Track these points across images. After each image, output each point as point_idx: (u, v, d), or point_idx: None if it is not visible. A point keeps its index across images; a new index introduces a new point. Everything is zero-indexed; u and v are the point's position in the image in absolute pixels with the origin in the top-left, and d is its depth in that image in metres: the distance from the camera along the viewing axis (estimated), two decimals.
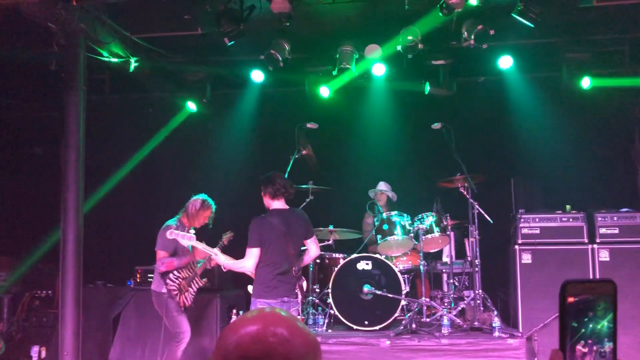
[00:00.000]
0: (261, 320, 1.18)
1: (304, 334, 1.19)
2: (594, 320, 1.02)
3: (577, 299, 1.01)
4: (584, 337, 1.02)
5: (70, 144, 6.00)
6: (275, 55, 6.87)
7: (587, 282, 1.03)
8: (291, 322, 1.19)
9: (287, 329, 1.16)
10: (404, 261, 7.02)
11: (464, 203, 6.78)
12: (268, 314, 1.21)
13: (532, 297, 6.47)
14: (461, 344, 5.90)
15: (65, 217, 5.90)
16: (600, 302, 1.01)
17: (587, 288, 1.02)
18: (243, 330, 1.16)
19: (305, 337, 1.18)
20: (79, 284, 5.88)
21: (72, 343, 5.77)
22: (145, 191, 9.01)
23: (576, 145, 8.15)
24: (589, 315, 1.02)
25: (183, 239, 5.18)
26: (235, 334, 1.16)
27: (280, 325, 1.17)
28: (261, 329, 1.15)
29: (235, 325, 1.19)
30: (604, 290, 1.02)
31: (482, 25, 6.44)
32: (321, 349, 1.25)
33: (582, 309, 1.02)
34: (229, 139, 8.72)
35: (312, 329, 6.48)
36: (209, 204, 5.79)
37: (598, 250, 6.48)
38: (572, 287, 1.02)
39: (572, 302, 1.02)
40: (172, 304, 5.55)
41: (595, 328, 1.02)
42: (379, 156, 8.48)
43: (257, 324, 1.17)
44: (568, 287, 1.02)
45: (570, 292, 1.02)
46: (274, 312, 1.22)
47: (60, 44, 5.84)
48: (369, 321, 6.41)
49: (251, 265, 4.98)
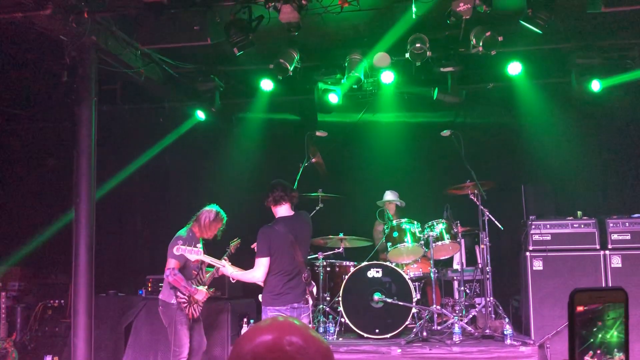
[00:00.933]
0: (276, 329, 1.19)
1: (317, 342, 1.19)
2: (604, 330, 0.99)
3: (586, 308, 0.99)
4: (593, 347, 0.99)
5: (82, 154, 6.06)
6: (284, 64, 6.91)
7: (597, 290, 1.01)
8: (305, 330, 1.20)
9: (302, 338, 1.16)
10: (415, 269, 7.01)
11: (474, 210, 6.77)
12: (282, 322, 1.22)
13: (543, 304, 6.43)
14: (473, 352, 5.87)
15: (77, 228, 5.95)
16: (609, 311, 0.99)
17: (596, 297, 1.00)
18: (258, 340, 1.16)
19: (319, 345, 1.18)
20: (91, 294, 5.92)
21: (84, 352, 5.80)
22: (156, 200, 9.07)
23: (587, 151, 8.11)
24: (597, 324, 0.99)
25: (190, 254, 5.17)
26: (250, 344, 1.16)
27: (295, 334, 1.17)
28: (277, 338, 1.15)
29: (249, 335, 1.19)
30: (614, 299, 0.99)
31: (490, 32, 6.44)
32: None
33: (591, 318, 0.99)
34: (238, 147, 8.76)
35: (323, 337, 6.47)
36: (222, 217, 5.80)
37: (610, 256, 6.43)
38: (581, 296, 1.00)
39: (581, 311, 0.99)
40: (180, 317, 5.53)
41: (604, 338, 0.99)
42: (389, 163, 8.49)
43: (272, 333, 1.17)
44: (577, 296, 1.00)
45: (579, 301, 0.99)
46: (287, 321, 1.22)
47: (72, 56, 5.92)
48: (380, 329, 6.40)
49: (261, 275, 4.98)
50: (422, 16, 6.26)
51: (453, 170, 7.35)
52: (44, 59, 6.89)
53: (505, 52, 7.10)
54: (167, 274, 5.43)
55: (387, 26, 7.09)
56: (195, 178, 8.95)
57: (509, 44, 6.82)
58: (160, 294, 5.72)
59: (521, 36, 6.69)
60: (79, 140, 6.08)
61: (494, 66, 7.57)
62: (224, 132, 8.88)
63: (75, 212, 5.99)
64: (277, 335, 1.16)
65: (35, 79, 7.63)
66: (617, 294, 1.00)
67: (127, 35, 6.25)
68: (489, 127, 8.20)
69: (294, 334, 1.17)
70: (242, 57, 6.38)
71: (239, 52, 5.99)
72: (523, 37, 6.72)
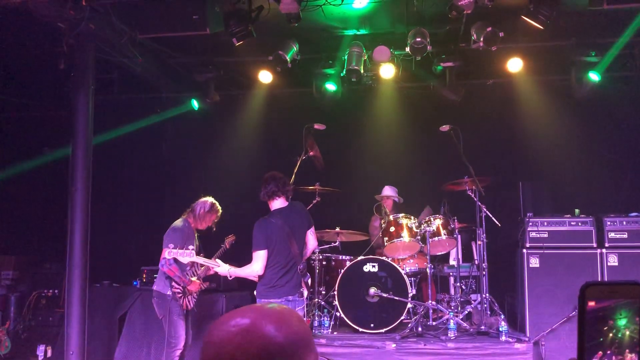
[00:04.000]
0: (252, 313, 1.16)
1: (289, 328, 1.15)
2: (615, 328, 0.92)
3: (597, 304, 0.92)
4: (603, 346, 0.92)
5: (79, 143, 6.02)
6: (283, 56, 6.87)
7: (610, 284, 0.93)
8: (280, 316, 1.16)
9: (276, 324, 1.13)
10: (411, 264, 6.99)
11: (472, 206, 6.75)
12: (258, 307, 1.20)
13: (539, 302, 6.42)
14: (467, 348, 5.86)
15: (72, 217, 5.91)
16: (622, 308, 0.92)
17: (608, 292, 0.92)
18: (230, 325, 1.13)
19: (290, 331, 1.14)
20: (85, 284, 5.89)
21: (77, 342, 5.78)
22: (152, 191, 9.03)
23: (585, 149, 8.10)
24: (609, 322, 0.92)
25: (183, 256, 5.09)
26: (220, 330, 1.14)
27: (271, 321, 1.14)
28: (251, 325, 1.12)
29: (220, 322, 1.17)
30: (628, 295, 0.92)
31: (491, 27, 6.40)
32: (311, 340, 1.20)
33: (602, 315, 0.92)
34: (236, 139, 8.73)
35: (317, 331, 6.46)
36: (217, 208, 5.76)
37: (607, 254, 6.42)
38: (593, 290, 0.92)
39: (592, 307, 0.92)
40: (174, 307, 5.49)
41: (616, 336, 0.92)
42: (387, 158, 8.47)
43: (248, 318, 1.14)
44: (588, 290, 0.92)
45: (590, 296, 0.92)
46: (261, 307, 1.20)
47: (70, 44, 5.87)
48: (375, 324, 6.38)
49: (260, 268, 4.92)
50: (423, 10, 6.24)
51: (451, 166, 7.33)
52: (41, 46, 6.82)
53: (505, 48, 7.07)
54: (162, 264, 5.37)
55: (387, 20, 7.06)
56: (192, 170, 8.90)
57: (510, 40, 6.79)
58: (154, 284, 5.66)
59: (522, 32, 6.67)
60: (76, 129, 6.04)
61: (494, 62, 7.54)
62: (221, 124, 8.84)
63: (70, 202, 5.96)
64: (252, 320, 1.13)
65: (31, 66, 7.56)
66: (632, 289, 0.92)
67: (125, 23, 6.19)
68: (488, 123, 8.17)
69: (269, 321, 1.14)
70: (240, 48, 6.34)
71: (238, 43, 5.94)
72: (524, 33, 6.69)
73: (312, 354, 1.16)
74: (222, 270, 5.15)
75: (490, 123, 8.22)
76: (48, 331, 7.54)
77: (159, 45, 7.11)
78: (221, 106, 8.48)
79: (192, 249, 5.07)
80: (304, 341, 1.15)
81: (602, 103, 7.82)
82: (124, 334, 7.06)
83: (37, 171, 8.58)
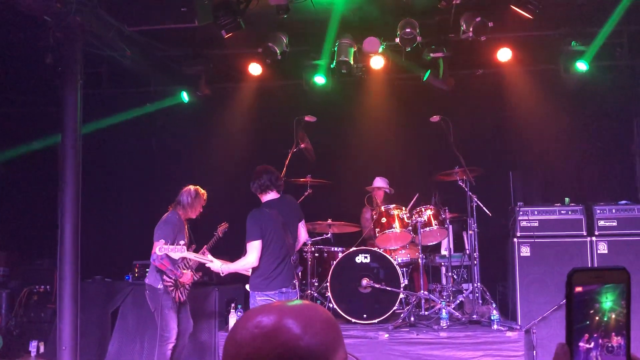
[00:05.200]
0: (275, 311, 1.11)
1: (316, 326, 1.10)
2: (601, 311, 0.93)
3: (584, 289, 0.93)
4: (589, 330, 0.93)
5: (68, 138, 5.97)
6: (272, 48, 6.84)
7: (596, 270, 0.94)
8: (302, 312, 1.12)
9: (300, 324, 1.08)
10: (403, 254, 7.01)
11: (463, 196, 6.77)
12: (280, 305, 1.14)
13: (530, 290, 6.47)
14: (460, 337, 5.90)
15: (63, 212, 5.88)
16: (608, 291, 0.93)
17: (595, 277, 0.93)
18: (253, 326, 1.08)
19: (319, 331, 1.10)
20: (77, 279, 5.86)
21: (70, 337, 5.76)
22: (143, 185, 8.99)
23: (575, 138, 8.14)
24: (594, 306, 0.93)
25: (174, 252, 5.05)
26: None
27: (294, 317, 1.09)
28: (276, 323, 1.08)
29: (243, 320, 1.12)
30: (614, 279, 0.93)
31: (480, 18, 6.41)
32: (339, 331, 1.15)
33: (589, 299, 0.93)
34: (226, 132, 8.69)
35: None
36: (201, 192, 5.72)
37: (597, 242, 6.47)
38: (580, 275, 0.93)
39: (579, 292, 0.93)
40: (166, 301, 5.47)
41: (602, 320, 0.93)
42: (377, 149, 8.47)
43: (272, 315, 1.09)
44: (575, 275, 0.93)
45: (577, 281, 0.93)
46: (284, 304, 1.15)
47: (56, 37, 5.80)
48: (368, 314, 6.41)
49: (255, 259, 4.83)
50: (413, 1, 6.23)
51: (442, 157, 7.35)
52: (28, 40, 6.74)
53: (495, 37, 7.08)
54: (154, 258, 5.36)
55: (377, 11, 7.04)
56: (183, 163, 8.87)
57: (499, 29, 6.80)
58: (146, 278, 5.65)
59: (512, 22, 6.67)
60: (64, 123, 5.99)
61: (484, 52, 7.55)
62: (211, 117, 8.80)
63: (60, 197, 5.92)
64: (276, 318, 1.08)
65: (18, 61, 7.47)
66: (618, 274, 0.94)
67: (112, 16, 6.13)
68: (478, 113, 8.19)
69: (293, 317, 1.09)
70: (230, 40, 6.30)
71: (227, 35, 5.91)
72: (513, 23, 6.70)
73: (339, 356, 1.12)
74: (215, 267, 5.06)
75: (481, 113, 8.24)
76: (40, 327, 7.51)
77: (148, 38, 7.04)
78: (211, 99, 8.44)
79: (183, 244, 5.05)
80: (330, 343, 1.11)
81: (591, 92, 7.85)
82: (117, 328, 7.05)
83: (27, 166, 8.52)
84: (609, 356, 0.94)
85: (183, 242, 5.16)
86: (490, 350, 5.80)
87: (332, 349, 1.11)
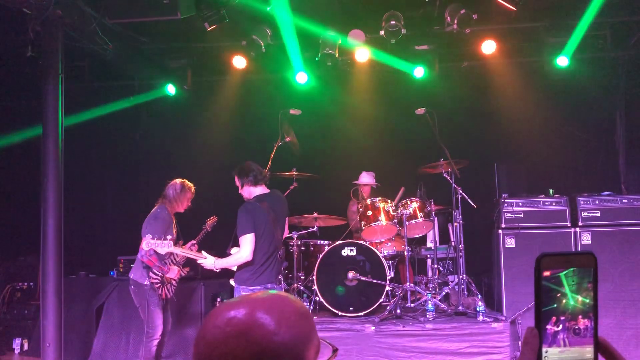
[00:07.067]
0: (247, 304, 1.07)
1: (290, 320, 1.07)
2: (568, 295, 0.95)
3: (552, 273, 0.95)
4: (557, 312, 0.95)
5: (49, 133, 5.88)
6: (257, 40, 6.79)
7: (564, 255, 0.95)
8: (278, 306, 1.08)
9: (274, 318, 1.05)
10: (389, 247, 7.03)
11: (448, 188, 6.79)
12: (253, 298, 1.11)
13: (515, 281, 6.51)
14: (446, 329, 5.93)
15: (45, 207, 5.80)
16: (575, 275, 0.94)
17: (563, 261, 0.95)
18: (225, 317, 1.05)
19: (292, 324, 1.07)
20: (60, 275, 5.79)
21: (54, 334, 5.69)
22: (127, 180, 8.92)
23: (559, 130, 8.20)
24: (561, 289, 0.94)
25: (161, 247, 4.95)
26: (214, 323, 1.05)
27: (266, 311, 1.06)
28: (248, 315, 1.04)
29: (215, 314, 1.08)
30: (581, 263, 0.95)
31: (464, 10, 6.41)
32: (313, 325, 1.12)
33: (555, 282, 0.94)
34: (211, 125, 8.64)
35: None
36: (188, 185, 5.65)
37: (580, 233, 6.53)
38: (548, 260, 0.95)
39: (546, 275, 0.95)
40: (152, 297, 5.41)
41: (568, 303, 0.95)
42: (363, 142, 8.47)
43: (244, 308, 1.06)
44: (544, 260, 0.95)
45: (546, 266, 0.95)
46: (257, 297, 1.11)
47: (37, 30, 5.70)
48: (354, 307, 6.42)
49: (249, 253, 4.73)
50: None
51: (427, 149, 7.36)
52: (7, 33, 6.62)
53: (479, 30, 7.09)
54: (142, 254, 5.29)
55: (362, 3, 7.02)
56: (167, 157, 8.80)
57: (484, 22, 6.81)
58: (131, 272, 5.57)
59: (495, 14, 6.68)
60: (46, 118, 5.90)
61: (468, 44, 7.56)
62: (196, 110, 8.74)
63: (43, 192, 5.83)
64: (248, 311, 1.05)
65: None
66: (586, 258, 0.95)
67: (93, 9, 6.04)
68: (463, 105, 8.21)
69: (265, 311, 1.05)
70: (214, 33, 6.25)
71: (211, 27, 5.85)
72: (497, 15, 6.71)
73: (313, 345, 1.09)
74: (208, 263, 4.92)
75: (465, 105, 8.26)
76: (24, 324, 7.44)
77: (130, 31, 6.96)
78: (195, 92, 8.38)
79: (170, 239, 4.97)
80: (305, 334, 1.08)
81: (575, 84, 7.91)
82: (102, 324, 7.00)
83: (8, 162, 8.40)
84: (576, 338, 0.96)
85: (170, 237, 5.09)
86: (476, 342, 5.84)
87: (307, 340, 1.08)
